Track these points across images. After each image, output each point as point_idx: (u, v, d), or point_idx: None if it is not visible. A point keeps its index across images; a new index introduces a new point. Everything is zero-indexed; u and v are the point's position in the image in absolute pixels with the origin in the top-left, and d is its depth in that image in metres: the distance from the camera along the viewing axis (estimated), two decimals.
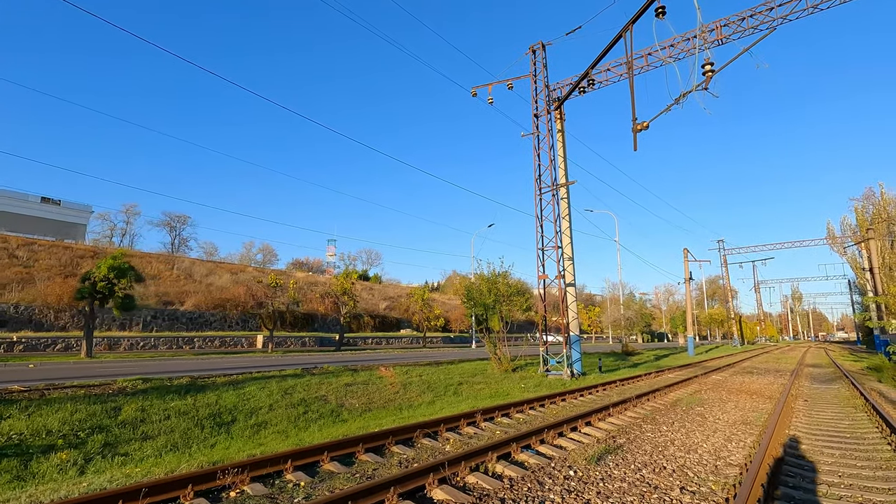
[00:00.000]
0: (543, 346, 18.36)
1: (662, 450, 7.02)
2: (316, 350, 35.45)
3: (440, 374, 16.72)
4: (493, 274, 19.35)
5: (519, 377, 16.84)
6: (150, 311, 36.79)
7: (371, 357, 27.64)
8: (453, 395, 13.63)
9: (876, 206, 42.92)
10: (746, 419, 9.72)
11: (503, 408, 10.05)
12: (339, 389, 12.67)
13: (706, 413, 10.33)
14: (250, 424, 9.34)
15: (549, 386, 15.26)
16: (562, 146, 20.86)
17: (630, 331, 54.13)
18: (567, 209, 20.29)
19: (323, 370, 15.47)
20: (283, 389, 11.96)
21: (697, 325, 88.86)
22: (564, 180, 20.25)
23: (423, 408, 11.77)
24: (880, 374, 20.62)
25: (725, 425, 9.04)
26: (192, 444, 7.94)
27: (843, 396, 13.65)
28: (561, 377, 17.03)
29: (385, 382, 14.08)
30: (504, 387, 15.00)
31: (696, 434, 8.16)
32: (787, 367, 25.79)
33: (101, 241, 70.67)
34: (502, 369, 18.02)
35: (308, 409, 10.73)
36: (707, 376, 18.87)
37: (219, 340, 34.22)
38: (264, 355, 28.00)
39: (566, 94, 18.97)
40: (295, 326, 46.59)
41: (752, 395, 13.47)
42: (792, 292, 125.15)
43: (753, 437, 8.00)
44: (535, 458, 6.28)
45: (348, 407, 11.44)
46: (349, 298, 33.27)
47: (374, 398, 12.37)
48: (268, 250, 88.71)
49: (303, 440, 7.95)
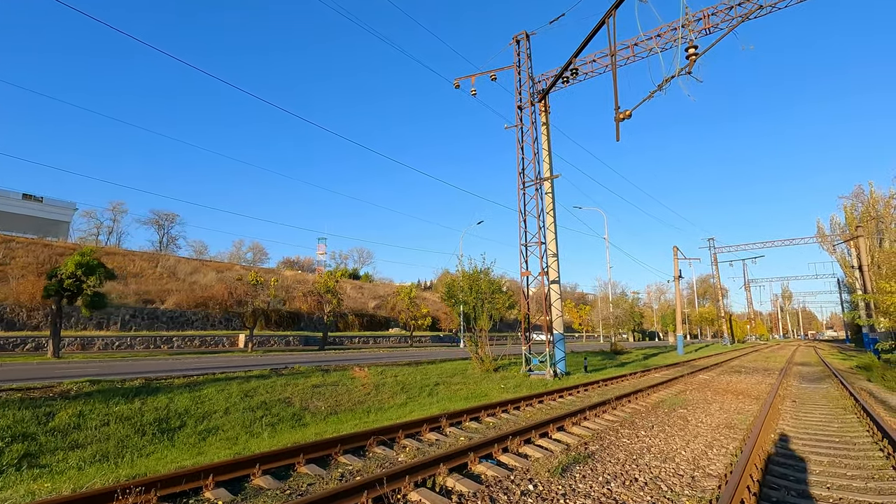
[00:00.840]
0: (526, 345, 17.77)
1: (637, 458, 6.42)
2: (299, 349, 34.67)
3: (418, 374, 16.07)
4: (475, 271, 18.73)
5: (500, 377, 16.24)
6: (129, 310, 35.81)
7: (353, 357, 26.95)
8: (428, 396, 12.99)
9: (865, 203, 42.81)
10: (730, 422, 9.16)
11: (475, 410, 9.43)
12: (306, 391, 11.99)
13: (689, 416, 9.77)
14: (199, 430, 8.65)
15: (530, 386, 14.66)
16: (546, 139, 20.26)
17: (620, 329, 53.75)
18: (552, 204, 19.71)
19: (293, 370, 14.78)
20: (244, 392, 11.26)
21: (689, 323, 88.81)
22: (549, 174, 19.67)
23: (394, 410, 11.13)
24: (869, 372, 20.25)
25: (708, 429, 8.47)
26: (126, 453, 7.23)
27: (831, 396, 13.18)
28: (543, 377, 16.45)
29: (357, 384, 13.42)
30: (483, 387, 14.38)
31: (675, 440, 7.58)
32: (776, 365, 25.41)
33: (87, 238, 69.44)
34: (483, 369, 17.41)
35: (267, 413, 10.04)
36: (694, 376, 18.38)
37: (199, 340, 33.35)
38: (243, 355, 27.23)
39: (550, 84, 18.39)
40: (280, 325, 45.72)
41: (739, 396, 12.95)
42: (782, 291, 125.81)
43: (736, 443, 7.44)
44: (494, 469, 5.65)
45: (312, 410, 10.77)
46: (333, 297, 32.49)
47: (342, 400, 11.70)
48: (258, 249, 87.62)
49: (249, 448, 7.28)
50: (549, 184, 19.91)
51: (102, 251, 51.89)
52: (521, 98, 19.48)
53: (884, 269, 39.82)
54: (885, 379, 16.82)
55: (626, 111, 12.63)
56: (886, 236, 41.56)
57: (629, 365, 24.68)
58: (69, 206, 68.23)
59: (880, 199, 41.51)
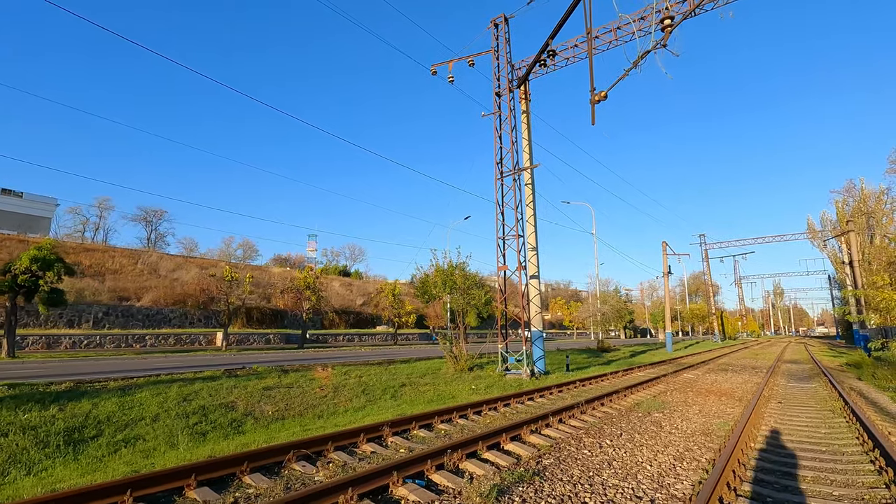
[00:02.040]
0: (503, 343, 16.92)
1: (593, 475, 5.57)
2: (278, 348, 33.68)
3: (385, 374, 15.18)
4: (449, 265, 17.84)
5: (473, 377, 15.37)
6: (102, 308, 34.62)
7: (331, 355, 26.02)
8: (391, 398, 12.10)
9: (856, 199, 42.31)
10: (708, 428, 8.33)
11: (430, 416, 8.55)
12: (255, 394, 11.07)
13: (664, 421, 8.94)
14: (115, 441, 7.71)
15: (503, 387, 13.81)
16: (526, 128, 19.38)
17: (608, 326, 53.10)
18: (531, 196, 18.85)
19: (250, 371, 13.85)
20: (183, 395, 10.32)
21: (680, 320, 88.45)
22: (529, 164, 18.79)
23: (348, 415, 10.24)
24: (860, 370, 19.58)
25: (682, 437, 7.63)
26: (12, 470, 6.29)
27: (820, 397, 12.42)
28: (520, 377, 15.61)
29: (315, 385, 12.51)
30: (452, 388, 13.51)
31: (643, 450, 6.73)
32: (765, 363, 24.74)
33: (73, 235, 67.93)
34: (458, 368, 16.54)
35: (203, 420, 9.11)
36: (678, 374, 17.61)
37: (174, 338, 32.28)
38: (215, 353, 26.23)
39: (528, 68, 17.48)
40: (263, 323, 44.64)
41: (722, 397, 12.16)
42: (773, 288, 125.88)
43: (711, 454, 6.60)
44: (417, 493, 4.77)
45: (257, 415, 9.85)
46: (312, 294, 31.49)
47: (293, 404, 10.78)
48: (248, 246, 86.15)
49: (160, 463, 6.37)
50: (529, 174, 19.04)
51: (81, 247, 50.61)
52: (500, 84, 18.58)
53: (874, 266, 39.36)
54: (875, 377, 16.13)
55: (602, 92, 11.77)
56: (877, 231, 41.07)
57: (614, 363, 23.91)
58: (50, 202, 66.77)
59: (871, 195, 41.01)
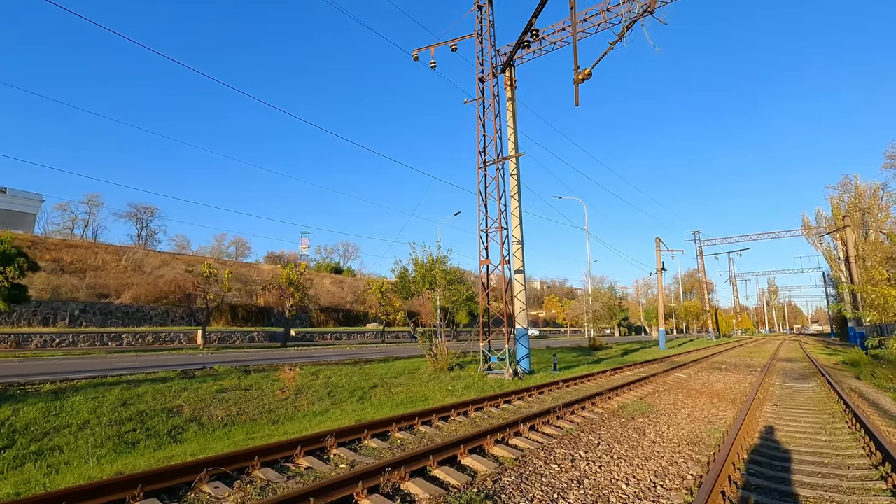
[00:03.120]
0: (485, 341, 16.07)
1: (558, 499, 4.70)
2: (261, 346, 32.72)
3: (358, 374, 14.30)
4: (430, 260, 16.96)
5: (452, 378, 14.51)
6: (79, 305, 33.53)
7: (313, 354, 25.13)
8: (357, 401, 11.20)
9: (852, 195, 41.72)
10: (697, 436, 7.49)
11: (388, 422, 7.67)
12: (206, 397, 10.15)
13: (648, 427, 8.09)
14: (27, 452, 6.79)
15: (482, 388, 12.95)
16: (511, 115, 18.50)
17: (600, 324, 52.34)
18: (517, 186, 17.98)
19: (211, 371, 12.93)
20: (123, 399, 9.40)
21: (675, 318, 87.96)
22: (514, 153, 17.92)
23: (305, 420, 9.35)
24: (857, 369, 18.86)
25: (667, 447, 6.79)
26: None
27: (818, 398, 11.62)
28: (502, 377, 14.76)
29: (277, 387, 11.61)
30: (427, 390, 12.63)
31: (621, 464, 5.87)
32: (759, 361, 24.01)
33: (61, 232, 66.63)
34: (438, 368, 15.68)
35: (139, 427, 8.19)
36: (669, 374, 16.80)
37: (152, 336, 31.25)
38: (192, 352, 25.27)
39: (512, 50, 16.60)
40: (248, 321, 43.60)
41: (714, 399, 11.34)
42: (768, 285, 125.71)
43: (699, 468, 5.76)
44: None
45: (204, 420, 8.94)
46: (296, 290, 30.52)
47: (248, 408, 9.88)
48: (240, 243, 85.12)
49: (65, 480, 5.47)
50: (514, 164, 18.18)
51: (63, 243, 49.39)
52: (483, 69, 17.67)
53: (869, 263, 38.79)
54: (875, 377, 15.38)
55: (586, 70, 10.90)
56: (873, 227, 40.49)
57: (605, 361, 23.11)
58: (35, 198, 65.59)
59: (868, 188, 40.41)
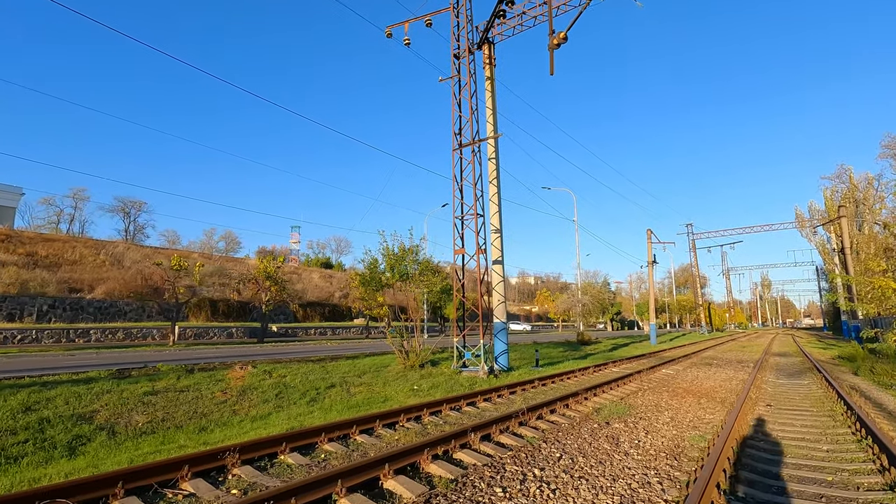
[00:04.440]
0: (458, 336, 14.99)
1: None
2: (238, 342, 31.50)
3: (319, 373, 13.18)
4: (401, 250, 15.84)
5: (421, 376, 13.42)
6: (48, 300, 32.18)
7: (287, 350, 24.03)
8: (309, 403, 10.09)
9: (847, 185, 40.95)
10: (678, 445, 6.43)
11: (314, 433, 6.56)
12: (130, 401, 9.01)
13: (624, 434, 7.03)
14: None
15: (450, 387, 11.88)
16: (490, 95, 17.33)
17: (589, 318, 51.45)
18: (496, 172, 16.86)
19: (151, 370, 11.77)
20: (28, 403, 8.24)
21: (668, 312, 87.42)
22: (492, 135, 16.78)
23: (238, 427, 8.22)
24: (854, 364, 17.94)
25: (641, 461, 5.72)
26: None
27: (815, 397, 10.63)
28: (476, 375, 13.70)
29: (219, 388, 10.47)
30: (389, 390, 11.54)
31: (580, 487, 4.79)
32: (752, 356, 23.11)
33: (46, 226, 65.03)
34: (408, 365, 14.59)
35: (35, 437, 7.04)
36: (656, 370, 15.80)
37: (123, 332, 29.96)
38: (159, 349, 24.05)
39: (488, 21, 15.42)
40: (229, 316, 42.39)
41: (701, 399, 10.31)
42: (761, 279, 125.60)
43: (677, 490, 4.69)
44: None
45: (120, 428, 7.79)
46: (273, 284, 29.31)
47: (176, 413, 8.74)
48: (230, 237, 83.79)
49: None
50: (493, 148, 17.04)
51: (40, 237, 47.92)
52: (459, 45, 16.49)
53: (862, 255, 38.08)
54: (874, 373, 14.44)
55: (561, 33, 9.75)
56: (867, 219, 39.75)
57: (591, 357, 22.12)
58: (15, 191, 63.97)
59: (862, 179, 39.62)
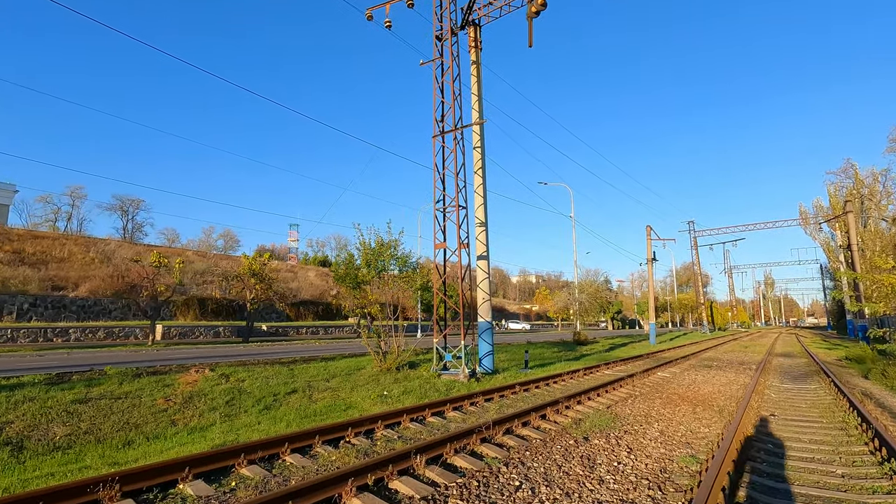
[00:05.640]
0: (438, 336, 14.00)
1: None
2: (223, 342, 30.53)
3: (285, 375, 12.20)
4: (378, 244, 14.85)
5: (395, 379, 12.44)
6: (29, 298, 31.33)
7: (270, 350, 23.06)
8: (260, 411, 9.10)
9: (853, 180, 39.78)
10: (665, 469, 5.41)
11: (231, 454, 5.58)
12: (54, 410, 8.03)
13: (602, 453, 6.01)
14: None
15: (423, 393, 10.89)
16: (476, 81, 16.32)
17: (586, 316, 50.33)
18: (481, 161, 15.85)
19: (93, 374, 10.80)
20: None
21: (670, 311, 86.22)
22: (476, 121, 15.76)
23: (172, 440, 7.25)
24: (863, 366, 16.87)
25: (617, 490, 4.71)
26: None
27: (824, 405, 9.60)
28: (457, 378, 12.70)
29: (162, 395, 9.50)
30: (356, 396, 10.55)
31: None
32: (755, 357, 22.05)
33: (44, 224, 64.45)
34: (384, 368, 13.61)
35: None
36: (651, 373, 14.77)
37: (104, 331, 29.03)
38: (135, 349, 23.11)
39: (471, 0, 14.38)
40: (219, 315, 41.52)
41: (697, 407, 9.28)
42: (764, 278, 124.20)
43: None
44: None
45: (31, 443, 6.83)
46: (258, 281, 28.34)
47: (105, 424, 7.77)
48: (229, 236, 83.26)
49: None
50: (479, 136, 16.03)
51: (29, 234, 47.11)
52: (442, 26, 15.47)
53: (868, 253, 36.94)
54: (886, 376, 13.38)
55: None
56: (873, 215, 38.58)
57: (586, 358, 21.10)
58: (8, 188, 63.60)
59: (868, 175, 38.45)
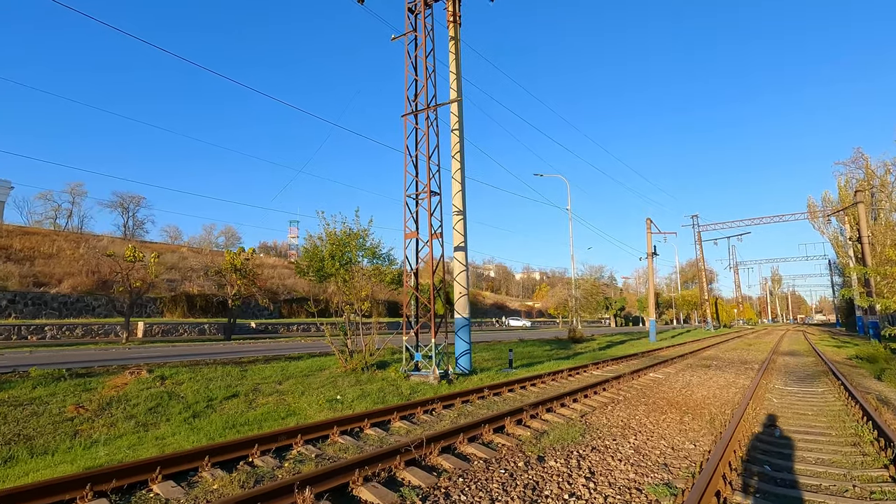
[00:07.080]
0: (408, 334, 12.84)
1: None
2: (206, 339, 29.53)
3: (233, 377, 11.08)
4: (344, 233, 13.73)
5: (358, 380, 11.30)
6: (8, 295, 30.47)
7: (249, 348, 22.05)
8: (186, 420, 7.97)
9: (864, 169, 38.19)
10: (629, 503, 4.22)
11: (76, 483, 4.46)
12: None
13: (554, 480, 4.81)
14: None
15: (384, 397, 9.74)
16: (455, 58, 15.11)
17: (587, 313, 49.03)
18: (459, 144, 14.66)
19: (10, 377, 9.72)
20: None
21: (674, 308, 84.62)
22: (453, 98, 14.55)
23: (61, 455, 6.15)
24: (875, 366, 15.57)
25: None
26: None
27: (833, 412, 8.36)
28: (427, 379, 11.55)
29: (74, 401, 8.39)
30: (305, 400, 9.41)
31: None
32: (758, 356, 20.74)
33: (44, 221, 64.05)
34: (349, 368, 12.49)
35: None
36: (642, 374, 13.53)
37: (83, 329, 28.09)
38: (105, 348, 22.10)
39: None
40: (207, 311, 40.54)
41: (686, 415, 8.07)
42: (771, 274, 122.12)
43: None
44: None
45: None
46: (240, 277, 27.30)
47: None
48: (230, 233, 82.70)
49: None
50: (458, 117, 14.84)
51: (20, 230, 46.46)
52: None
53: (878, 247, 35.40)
54: None
55: None
56: (885, 206, 37.02)
57: (577, 357, 19.87)
58: (3, 185, 63.31)
59: (879, 166, 36.86)
